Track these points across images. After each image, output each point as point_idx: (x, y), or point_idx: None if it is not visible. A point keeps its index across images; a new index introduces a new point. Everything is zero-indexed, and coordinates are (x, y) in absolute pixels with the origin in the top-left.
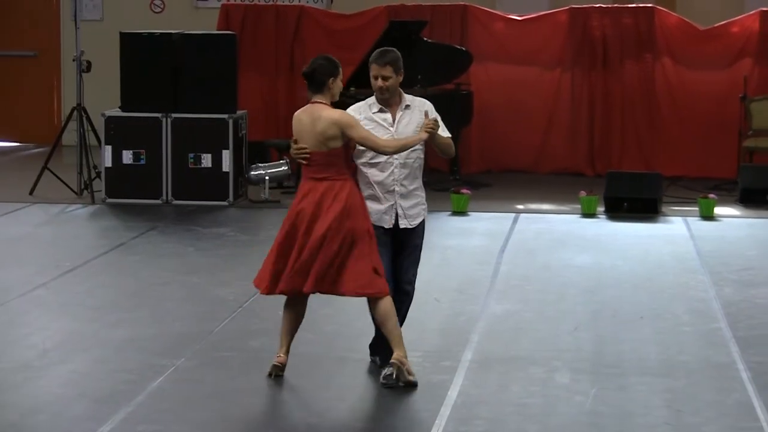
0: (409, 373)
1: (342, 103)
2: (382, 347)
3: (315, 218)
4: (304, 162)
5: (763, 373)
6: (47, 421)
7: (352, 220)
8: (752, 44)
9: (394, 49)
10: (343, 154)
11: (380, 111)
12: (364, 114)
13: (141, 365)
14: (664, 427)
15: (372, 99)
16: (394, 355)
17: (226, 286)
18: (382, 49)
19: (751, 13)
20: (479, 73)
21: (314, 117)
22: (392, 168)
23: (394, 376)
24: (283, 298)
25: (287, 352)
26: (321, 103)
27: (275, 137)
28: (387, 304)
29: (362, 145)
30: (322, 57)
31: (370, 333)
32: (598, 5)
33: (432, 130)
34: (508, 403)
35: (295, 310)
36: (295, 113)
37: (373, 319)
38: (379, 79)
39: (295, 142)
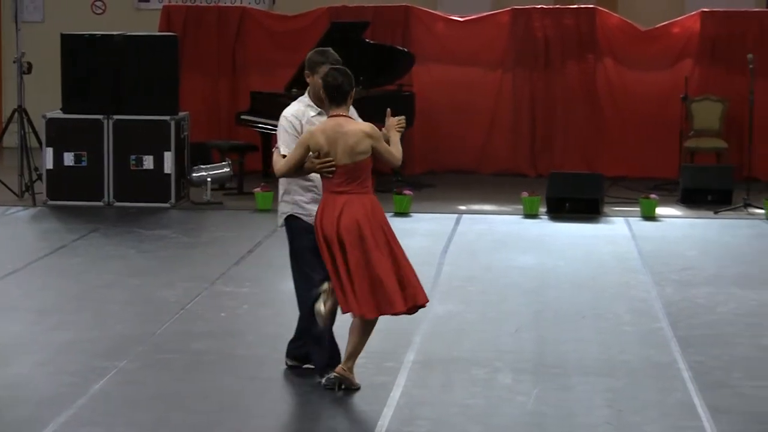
0: (352, 384)
1: (283, 105)
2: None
3: (349, 234)
4: (329, 175)
5: (704, 373)
6: None
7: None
8: (693, 45)
9: (330, 48)
10: (368, 166)
11: (319, 114)
12: (305, 118)
13: (83, 368)
14: (606, 427)
15: (306, 99)
16: (340, 366)
17: (169, 287)
18: (321, 49)
19: (692, 13)
20: (421, 74)
21: (341, 131)
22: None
23: (336, 389)
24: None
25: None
26: (343, 116)
27: (217, 138)
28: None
29: (381, 156)
30: (340, 71)
31: None
32: (539, 6)
33: (403, 128)
34: (450, 403)
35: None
36: (313, 129)
37: (358, 323)
38: None
39: (318, 156)
